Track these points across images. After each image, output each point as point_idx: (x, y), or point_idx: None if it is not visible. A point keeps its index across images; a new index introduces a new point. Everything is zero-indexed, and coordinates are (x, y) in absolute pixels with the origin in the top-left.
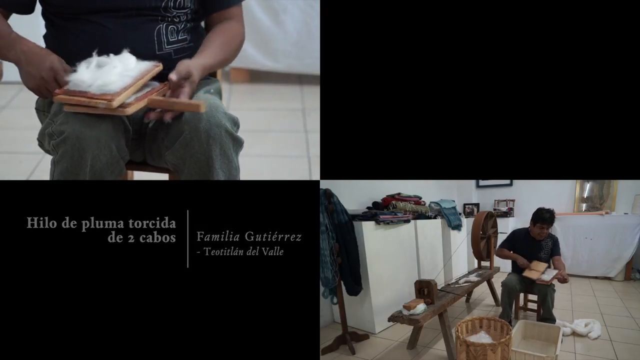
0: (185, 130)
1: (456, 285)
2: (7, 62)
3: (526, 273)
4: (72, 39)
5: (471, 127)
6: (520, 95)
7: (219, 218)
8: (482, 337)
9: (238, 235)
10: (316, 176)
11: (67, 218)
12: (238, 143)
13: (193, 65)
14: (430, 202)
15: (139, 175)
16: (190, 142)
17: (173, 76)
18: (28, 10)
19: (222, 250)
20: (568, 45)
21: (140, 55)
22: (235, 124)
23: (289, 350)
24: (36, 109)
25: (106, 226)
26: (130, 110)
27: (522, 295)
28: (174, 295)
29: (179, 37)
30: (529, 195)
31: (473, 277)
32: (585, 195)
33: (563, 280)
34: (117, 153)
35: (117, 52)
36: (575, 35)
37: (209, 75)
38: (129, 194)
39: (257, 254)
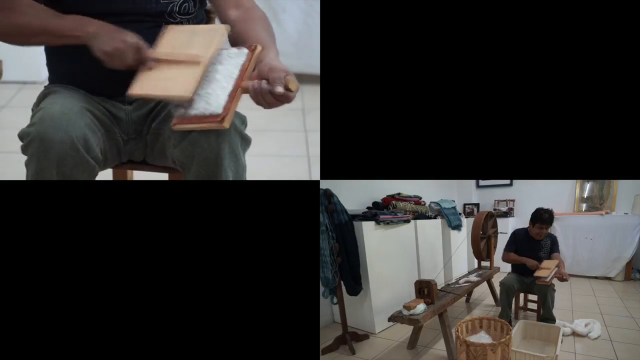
0: None
1: (456, 285)
2: (7, 62)
3: (537, 273)
4: None
5: (471, 127)
6: (520, 95)
7: (219, 217)
8: (482, 337)
9: (239, 235)
10: (316, 176)
11: (67, 218)
12: (246, 141)
13: (278, 64)
14: (430, 202)
15: (138, 175)
16: (199, 139)
17: (280, 89)
18: None
19: (222, 250)
20: (568, 45)
21: None
22: (243, 122)
23: (289, 350)
24: (32, 109)
25: (106, 225)
26: (227, 125)
27: (522, 295)
28: (173, 294)
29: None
30: (529, 195)
31: (473, 277)
32: (585, 195)
33: (562, 278)
34: (85, 154)
35: None
36: (575, 35)
37: None
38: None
39: (257, 254)
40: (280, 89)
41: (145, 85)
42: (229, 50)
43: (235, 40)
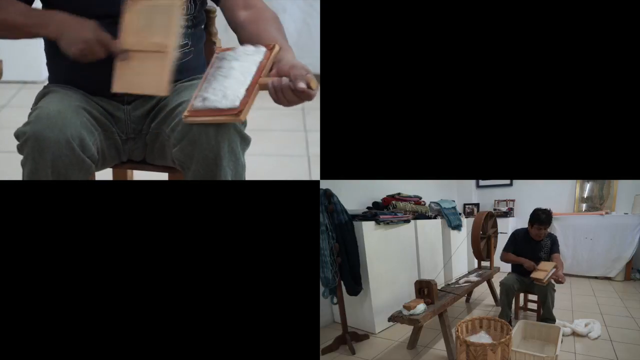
0: (194, 126)
1: (456, 285)
2: (7, 62)
3: (534, 275)
4: None
5: (471, 127)
6: (520, 95)
7: (219, 217)
8: (482, 337)
9: (239, 235)
10: (316, 176)
11: (66, 218)
12: (245, 141)
13: (298, 63)
14: (430, 202)
15: (138, 175)
16: (199, 139)
17: (302, 85)
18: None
19: (222, 250)
20: (568, 45)
21: None
22: (243, 121)
23: (289, 350)
24: (31, 109)
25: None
26: (243, 118)
27: (522, 295)
28: (173, 294)
29: (180, 43)
30: (529, 195)
31: (473, 277)
32: (585, 195)
33: (558, 280)
34: (80, 152)
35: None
36: (575, 35)
37: None
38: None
39: (257, 254)
40: (302, 85)
41: (124, 83)
42: (245, 48)
43: (247, 41)
